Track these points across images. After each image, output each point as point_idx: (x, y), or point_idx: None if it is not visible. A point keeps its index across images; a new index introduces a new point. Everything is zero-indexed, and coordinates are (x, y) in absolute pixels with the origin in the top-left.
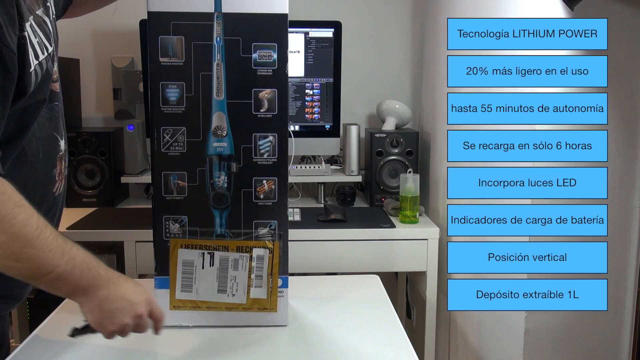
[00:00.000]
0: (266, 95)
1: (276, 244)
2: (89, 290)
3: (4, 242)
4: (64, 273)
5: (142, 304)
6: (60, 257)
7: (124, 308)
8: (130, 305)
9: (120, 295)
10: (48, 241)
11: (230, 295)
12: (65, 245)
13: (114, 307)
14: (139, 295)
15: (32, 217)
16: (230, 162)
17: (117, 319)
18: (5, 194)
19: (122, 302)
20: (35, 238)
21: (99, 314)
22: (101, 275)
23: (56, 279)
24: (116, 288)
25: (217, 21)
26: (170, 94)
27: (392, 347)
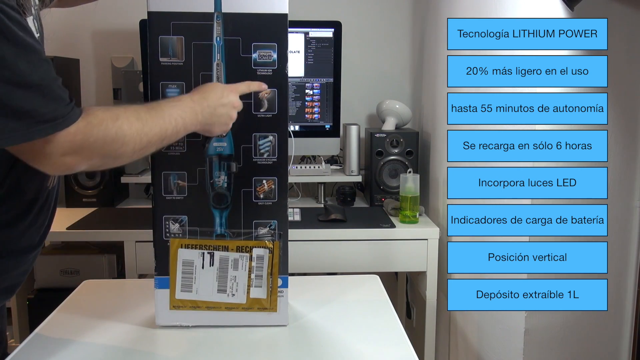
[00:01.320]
0: (266, 95)
1: (276, 244)
2: (194, 120)
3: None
4: (175, 127)
5: (233, 100)
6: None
7: (226, 113)
8: (227, 107)
9: (215, 106)
10: (150, 121)
11: (230, 295)
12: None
13: (218, 117)
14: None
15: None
16: (230, 162)
17: (226, 123)
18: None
19: (220, 109)
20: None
21: (212, 128)
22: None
23: (175, 134)
24: (210, 104)
25: (217, 21)
26: (170, 93)
27: (392, 347)
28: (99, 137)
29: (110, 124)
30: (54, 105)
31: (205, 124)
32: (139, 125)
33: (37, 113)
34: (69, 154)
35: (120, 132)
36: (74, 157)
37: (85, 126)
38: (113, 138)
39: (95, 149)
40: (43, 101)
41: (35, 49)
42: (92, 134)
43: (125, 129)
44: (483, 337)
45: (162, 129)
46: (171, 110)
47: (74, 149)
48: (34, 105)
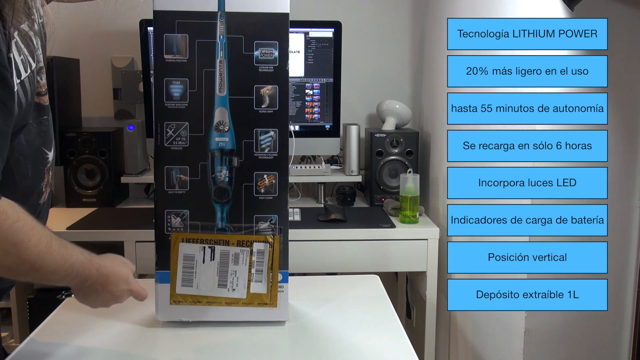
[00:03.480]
0: (267, 91)
1: (276, 239)
2: (81, 284)
3: (20, 262)
4: (63, 276)
5: (123, 296)
6: (62, 265)
7: (107, 299)
8: (112, 297)
9: (105, 289)
10: (54, 254)
11: (230, 290)
12: (66, 253)
13: (97, 297)
14: (122, 288)
15: (42, 235)
16: (231, 156)
17: (99, 304)
18: (21, 220)
19: (107, 295)
20: (45, 254)
21: (86, 300)
22: (92, 275)
23: (57, 280)
24: (104, 285)
25: (221, 20)
26: (174, 89)
27: (392, 347)
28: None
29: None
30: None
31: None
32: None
33: None
34: None
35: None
36: None
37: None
38: (15, 242)
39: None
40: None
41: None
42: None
43: (32, 242)
44: (483, 337)
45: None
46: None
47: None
48: None
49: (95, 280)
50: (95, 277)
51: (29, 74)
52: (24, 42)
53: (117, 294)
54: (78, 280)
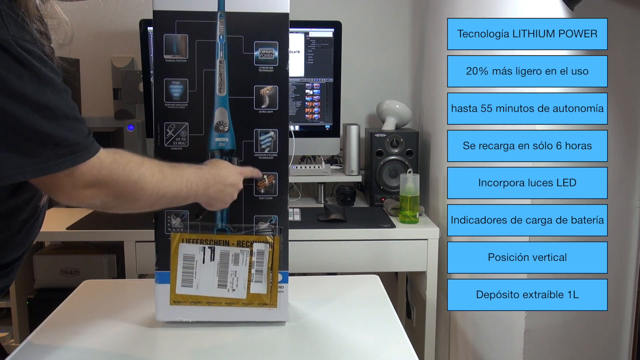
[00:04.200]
0: (267, 91)
1: (276, 239)
2: (204, 192)
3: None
4: (188, 192)
5: (239, 181)
6: (182, 183)
7: (231, 193)
8: (233, 188)
9: (225, 185)
10: (170, 178)
11: (230, 290)
12: (179, 172)
13: (224, 195)
14: (235, 177)
15: (153, 167)
16: (231, 156)
17: (227, 201)
18: (130, 161)
19: (228, 189)
20: (163, 180)
21: (215, 204)
22: (209, 179)
23: (184, 198)
24: (221, 181)
25: (220, 20)
26: (173, 90)
27: (392, 347)
28: (122, 176)
29: (135, 167)
30: (77, 137)
31: (211, 198)
32: (160, 177)
33: (65, 143)
34: (89, 187)
35: (142, 177)
36: (93, 190)
37: (112, 163)
38: (135, 181)
39: (116, 187)
40: (68, 132)
41: (55, 80)
42: (117, 172)
43: (148, 176)
44: (483, 337)
45: (178, 189)
46: (190, 176)
47: (96, 182)
48: (62, 135)
49: (213, 182)
50: (212, 180)
51: None
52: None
53: (235, 181)
54: (202, 189)
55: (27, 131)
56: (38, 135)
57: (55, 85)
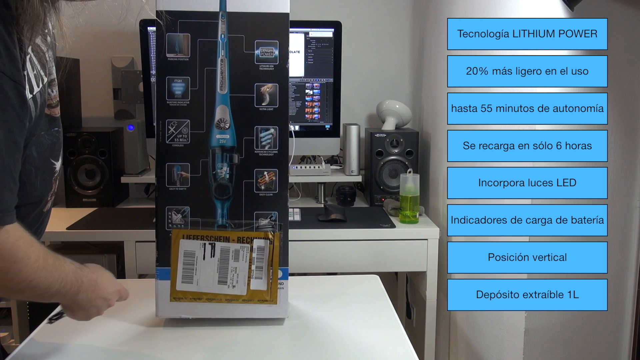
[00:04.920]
0: (268, 89)
1: (277, 235)
2: (73, 296)
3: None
4: (58, 290)
5: (113, 298)
6: (57, 279)
7: (100, 305)
8: (104, 301)
9: (97, 296)
10: (49, 269)
11: (230, 287)
12: (59, 267)
13: (92, 306)
14: (111, 290)
15: (39, 251)
16: (232, 153)
17: (92, 314)
18: (22, 237)
19: (98, 300)
20: (42, 270)
21: (78, 313)
22: (84, 282)
23: (51, 296)
24: (95, 290)
25: (222, 20)
26: (175, 87)
27: (392, 347)
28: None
29: (23, 246)
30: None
31: (75, 304)
32: (42, 265)
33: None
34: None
35: (25, 259)
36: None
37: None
38: (17, 259)
39: None
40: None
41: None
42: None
43: (31, 260)
44: (483, 337)
45: (51, 284)
46: (69, 274)
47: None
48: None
49: (86, 288)
50: (86, 285)
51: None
52: (37, 57)
53: (108, 297)
54: (72, 292)
55: None
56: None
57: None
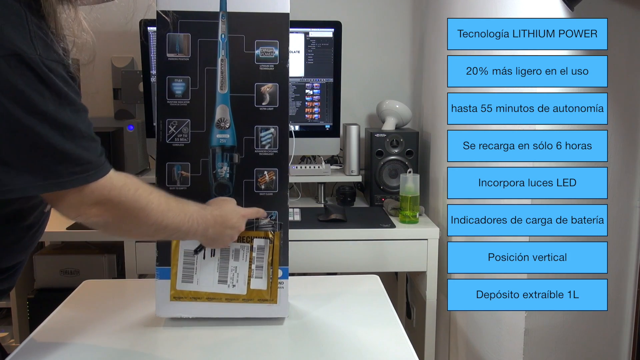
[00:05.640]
0: (268, 89)
1: (277, 234)
2: (204, 232)
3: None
4: (188, 229)
5: (242, 224)
6: (184, 218)
7: (230, 234)
8: (234, 231)
9: (225, 228)
10: (174, 211)
11: (230, 286)
12: (184, 207)
13: (223, 236)
14: (237, 220)
15: (160, 197)
16: (232, 153)
17: (226, 243)
18: (140, 188)
19: (229, 231)
20: (167, 212)
21: (214, 243)
22: (209, 219)
23: (184, 234)
24: (222, 222)
25: (222, 20)
26: (176, 87)
27: (392, 347)
28: (130, 199)
29: (144, 194)
30: (91, 156)
31: (209, 239)
32: (166, 208)
33: (79, 161)
34: (97, 206)
35: (149, 204)
36: (100, 209)
37: (122, 186)
38: (142, 206)
39: (122, 209)
40: (83, 151)
41: (75, 101)
42: (127, 194)
43: (155, 204)
44: (483, 337)
45: (179, 224)
46: (193, 213)
47: (105, 202)
48: (77, 154)
49: (213, 223)
50: (212, 221)
51: None
52: None
53: (236, 225)
54: (201, 229)
55: (45, 147)
56: (54, 152)
57: (75, 105)
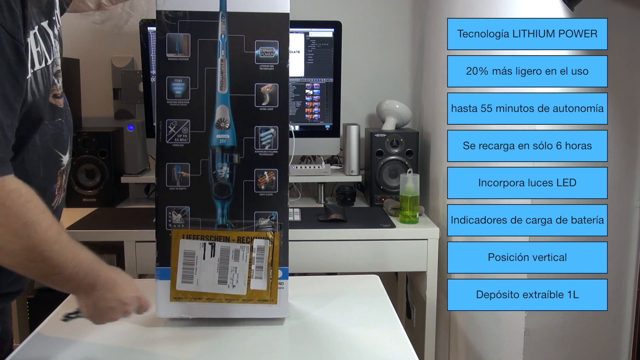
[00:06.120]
0: (268, 89)
1: (277, 235)
2: (88, 289)
3: (29, 246)
4: (71, 275)
5: (132, 303)
6: (71, 260)
7: (116, 307)
8: (121, 305)
9: (114, 296)
10: (63, 245)
11: (230, 287)
12: (75, 248)
13: (107, 306)
14: (130, 294)
15: (53, 222)
16: (232, 153)
17: (108, 316)
18: (32, 201)
19: (115, 302)
20: (54, 243)
21: (94, 310)
22: (101, 277)
23: (64, 279)
24: (112, 289)
25: (222, 20)
26: (175, 87)
27: (392, 347)
28: (16, 207)
29: (35, 210)
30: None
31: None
32: (55, 237)
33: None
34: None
35: (36, 224)
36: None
37: (14, 190)
38: (26, 221)
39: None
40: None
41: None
42: (14, 200)
43: (43, 226)
44: (483, 337)
45: (63, 263)
46: (84, 260)
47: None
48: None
49: (103, 284)
50: (103, 280)
51: (43, 68)
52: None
53: (126, 300)
54: (85, 283)
55: None
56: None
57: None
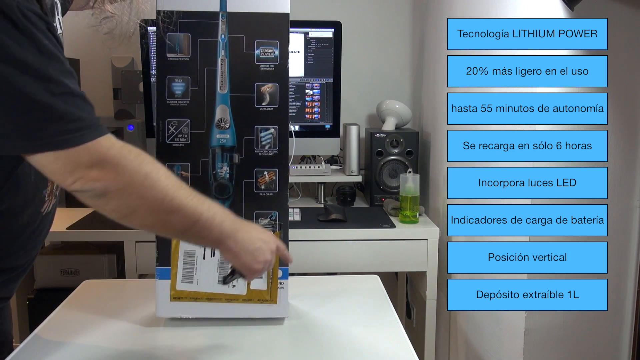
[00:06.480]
0: (268, 89)
1: (276, 235)
2: (231, 235)
3: (159, 196)
4: (208, 220)
5: (273, 241)
6: (202, 205)
7: (262, 247)
8: (266, 243)
9: (255, 236)
10: (188, 190)
11: (230, 286)
12: (199, 195)
13: (255, 248)
14: (266, 233)
15: (167, 171)
16: (232, 153)
17: (260, 257)
18: (141, 153)
19: (259, 242)
20: (179, 188)
21: (244, 256)
22: (236, 221)
23: (203, 227)
24: (249, 231)
25: (222, 20)
26: (176, 87)
27: (392, 347)
28: (132, 163)
29: (148, 161)
30: (84, 114)
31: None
32: (176, 184)
33: (70, 117)
34: (95, 167)
35: (154, 172)
36: (99, 172)
37: (122, 146)
38: (144, 174)
39: (123, 173)
40: (73, 108)
41: (60, 58)
42: (127, 157)
43: (162, 174)
44: (483, 337)
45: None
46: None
47: (104, 162)
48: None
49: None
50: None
51: None
52: None
53: (266, 239)
54: (226, 226)
55: (28, 102)
56: (39, 107)
57: (61, 63)
